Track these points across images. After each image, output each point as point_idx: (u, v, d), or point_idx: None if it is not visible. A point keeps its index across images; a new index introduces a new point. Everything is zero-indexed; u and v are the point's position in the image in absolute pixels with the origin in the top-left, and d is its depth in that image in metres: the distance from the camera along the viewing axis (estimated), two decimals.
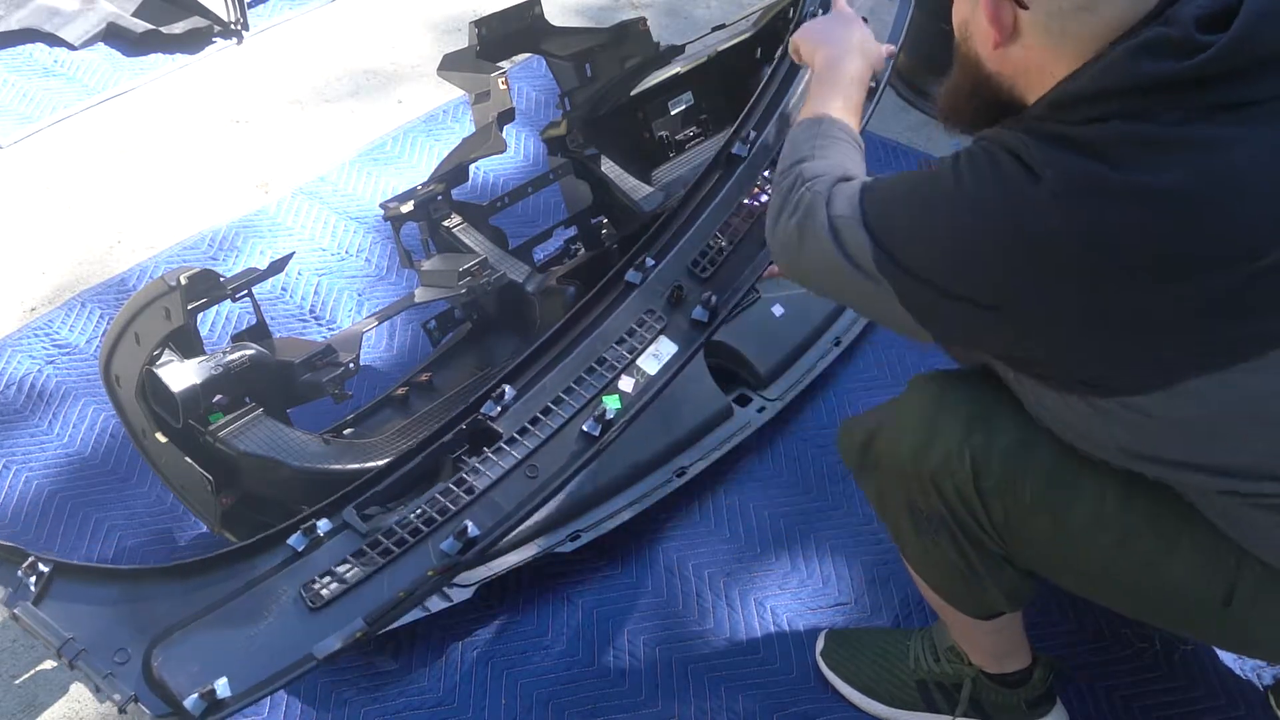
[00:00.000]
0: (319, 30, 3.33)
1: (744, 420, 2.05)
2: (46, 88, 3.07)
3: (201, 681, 1.32)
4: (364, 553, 1.48)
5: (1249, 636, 1.35)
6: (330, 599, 1.43)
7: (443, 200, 2.13)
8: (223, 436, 1.75)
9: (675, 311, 1.71)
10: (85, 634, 1.35)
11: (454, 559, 1.46)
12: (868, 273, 1.23)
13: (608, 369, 1.65)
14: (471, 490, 1.53)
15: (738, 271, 1.74)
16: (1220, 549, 1.28)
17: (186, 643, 1.37)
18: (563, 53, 2.27)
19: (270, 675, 1.36)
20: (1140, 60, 1.09)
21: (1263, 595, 1.29)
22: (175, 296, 1.61)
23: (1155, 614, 1.40)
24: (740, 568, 1.92)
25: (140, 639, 1.36)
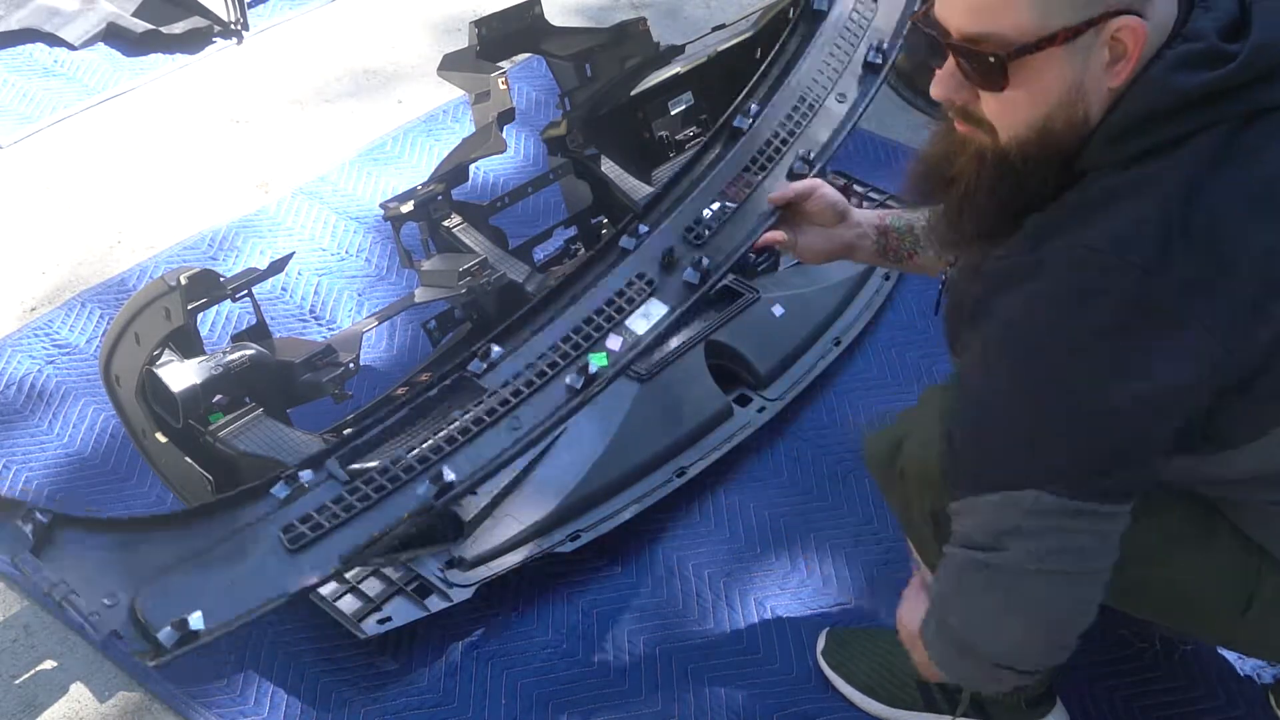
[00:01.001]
0: (319, 30, 3.33)
1: (744, 420, 2.05)
2: (46, 88, 3.07)
3: (177, 616, 1.39)
4: (343, 499, 1.53)
5: (1263, 642, 1.36)
6: (308, 541, 1.49)
7: (443, 200, 2.13)
8: (223, 436, 1.75)
9: (667, 275, 1.71)
10: (78, 580, 1.41)
11: (429, 502, 1.52)
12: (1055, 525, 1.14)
13: (595, 328, 1.67)
14: (452, 440, 1.57)
15: (731, 237, 1.74)
16: (1244, 558, 1.28)
17: (169, 585, 1.43)
18: (563, 53, 2.27)
19: (244, 610, 1.43)
20: (1177, 76, 1.08)
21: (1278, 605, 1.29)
22: (175, 296, 1.61)
23: (1170, 619, 1.40)
24: (740, 568, 1.92)
25: (132, 584, 1.43)
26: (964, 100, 1.16)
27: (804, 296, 2.24)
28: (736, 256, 1.72)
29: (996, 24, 1.08)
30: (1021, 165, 1.14)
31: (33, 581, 1.41)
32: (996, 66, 1.09)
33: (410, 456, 1.56)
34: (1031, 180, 1.14)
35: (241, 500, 1.53)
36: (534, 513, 1.85)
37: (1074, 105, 1.11)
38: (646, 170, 2.34)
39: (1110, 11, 1.06)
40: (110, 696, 1.76)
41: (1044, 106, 1.11)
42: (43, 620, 1.86)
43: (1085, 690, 1.73)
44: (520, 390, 1.61)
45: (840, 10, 1.99)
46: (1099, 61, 1.09)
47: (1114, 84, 1.10)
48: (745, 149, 1.83)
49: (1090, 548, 1.15)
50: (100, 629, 1.37)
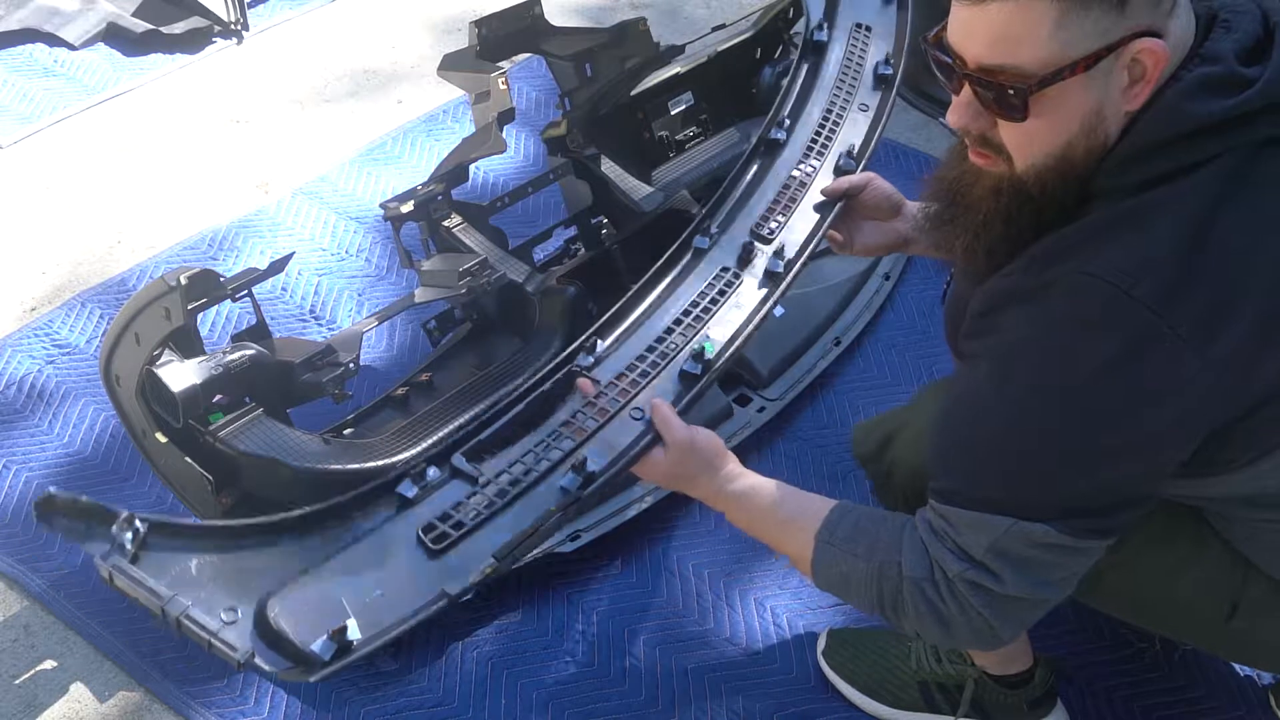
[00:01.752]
0: (319, 30, 3.33)
1: (744, 420, 2.05)
2: (46, 88, 3.07)
3: (326, 627, 1.26)
4: (480, 494, 1.44)
5: (1249, 649, 1.36)
6: (453, 540, 1.38)
7: (443, 200, 2.13)
8: (223, 436, 1.75)
9: (747, 267, 1.69)
10: (186, 592, 1.26)
11: (575, 494, 1.43)
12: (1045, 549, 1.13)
13: (695, 320, 1.63)
14: (583, 430, 1.50)
15: (799, 229, 1.73)
16: (1228, 566, 1.29)
17: (302, 595, 1.30)
18: (563, 53, 2.27)
19: (399, 617, 1.32)
20: (1192, 102, 1.06)
21: (1264, 611, 1.29)
22: (175, 296, 1.61)
23: (1158, 623, 1.40)
24: (740, 568, 1.92)
25: (245, 595, 1.29)
26: (981, 129, 1.13)
27: (804, 296, 2.24)
28: (813, 244, 1.70)
29: (1016, 56, 1.05)
30: (1039, 194, 1.13)
31: (135, 596, 1.24)
32: (1017, 98, 1.07)
33: (540, 450, 1.48)
34: (1049, 209, 1.13)
35: (364, 501, 1.43)
36: None
37: (1094, 131, 1.09)
38: (646, 170, 2.34)
39: (1130, 35, 1.04)
40: (110, 696, 1.76)
41: (1064, 134, 1.09)
42: (43, 620, 1.86)
43: (1085, 690, 1.73)
44: (637, 381, 1.55)
45: (839, 47, 2.02)
46: (1118, 85, 1.07)
47: (1132, 107, 1.08)
48: (789, 155, 1.83)
49: (1068, 581, 1.17)
50: (236, 651, 1.20)
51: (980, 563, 1.13)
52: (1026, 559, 1.12)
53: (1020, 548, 1.12)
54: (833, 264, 2.33)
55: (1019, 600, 1.15)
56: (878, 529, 1.23)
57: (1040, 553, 1.12)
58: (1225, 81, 1.06)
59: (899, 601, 1.19)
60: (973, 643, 1.19)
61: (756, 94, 2.48)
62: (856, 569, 1.22)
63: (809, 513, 1.29)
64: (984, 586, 1.14)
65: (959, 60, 1.10)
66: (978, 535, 1.13)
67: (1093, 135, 1.09)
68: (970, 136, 1.16)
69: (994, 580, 1.13)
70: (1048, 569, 1.13)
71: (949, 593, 1.16)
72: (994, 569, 1.13)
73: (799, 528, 1.29)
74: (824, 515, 1.28)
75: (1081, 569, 1.16)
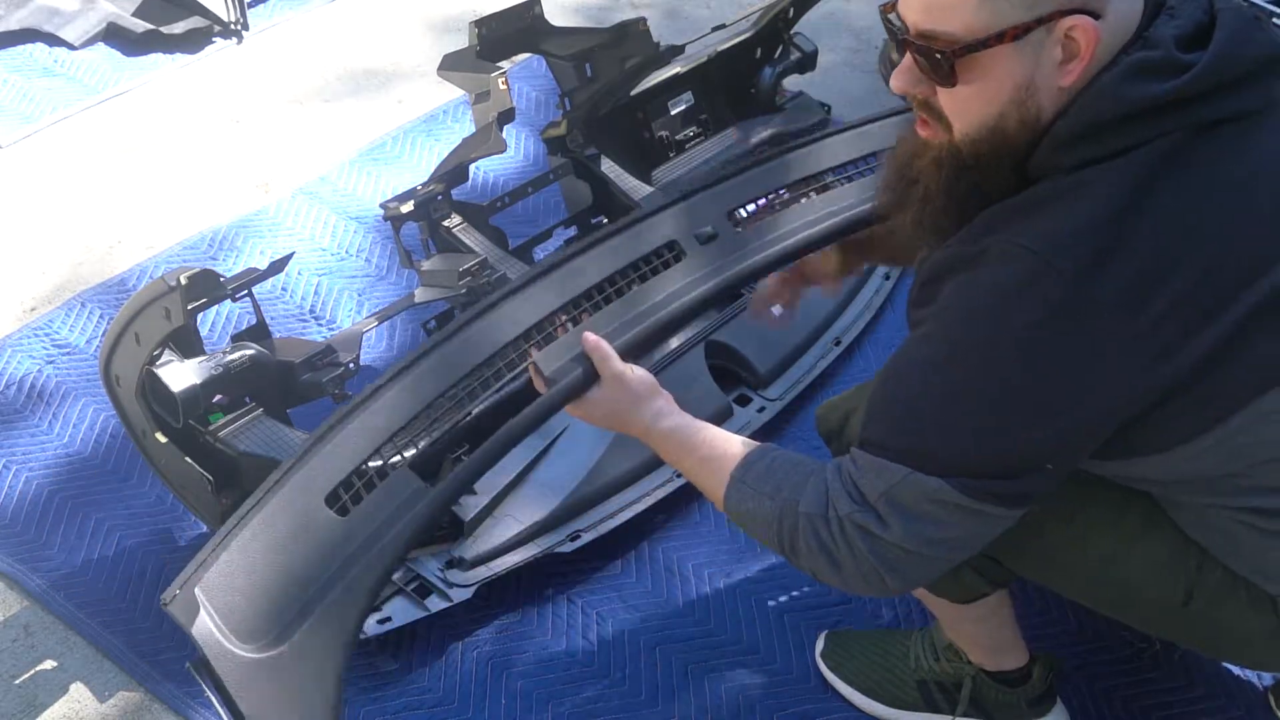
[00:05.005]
0: (319, 30, 3.33)
1: (744, 420, 2.05)
2: (46, 88, 3.07)
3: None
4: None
5: (1208, 637, 1.36)
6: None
7: (443, 200, 2.13)
8: (223, 436, 1.75)
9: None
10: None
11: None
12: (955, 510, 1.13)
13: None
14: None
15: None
16: (1182, 552, 1.29)
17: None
18: (563, 53, 2.27)
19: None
20: (1128, 85, 1.08)
21: (1220, 599, 1.29)
22: (175, 296, 1.61)
23: (1114, 609, 1.41)
24: (740, 568, 1.92)
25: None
26: (923, 94, 1.17)
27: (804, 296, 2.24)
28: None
29: (947, 22, 1.09)
30: (974, 163, 1.15)
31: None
32: (945, 63, 1.10)
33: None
34: (987, 181, 1.15)
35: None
36: (534, 513, 1.85)
37: (1025, 103, 1.11)
38: (646, 170, 2.34)
39: (1062, 10, 1.06)
40: (110, 696, 1.76)
41: (996, 104, 1.12)
42: (43, 620, 1.86)
43: (1085, 690, 1.73)
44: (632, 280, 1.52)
45: None
46: (1051, 60, 1.09)
47: (1065, 83, 1.10)
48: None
49: (964, 543, 1.17)
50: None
51: (871, 507, 1.15)
52: (918, 512, 1.13)
53: (913, 499, 1.13)
54: None
55: (907, 552, 1.15)
56: (790, 472, 1.26)
57: (933, 508, 1.13)
58: (1162, 66, 1.08)
59: (795, 538, 1.21)
60: (864, 588, 1.20)
61: (756, 94, 2.48)
62: (762, 507, 1.25)
63: (730, 453, 1.31)
64: (870, 531, 1.15)
65: (901, 26, 1.14)
66: (875, 480, 1.15)
67: (1024, 108, 1.11)
68: (915, 103, 1.19)
69: (881, 526, 1.15)
70: (939, 526, 1.14)
71: (839, 532, 1.17)
72: (883, 515, 1.14)
73: (718, 465, 1.31)
74: (743, 455, 1.31)
75: (982, 534, 1.16)
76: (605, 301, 1.52)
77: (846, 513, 1.17)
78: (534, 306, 1.50)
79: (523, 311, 1.49)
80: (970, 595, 1.47)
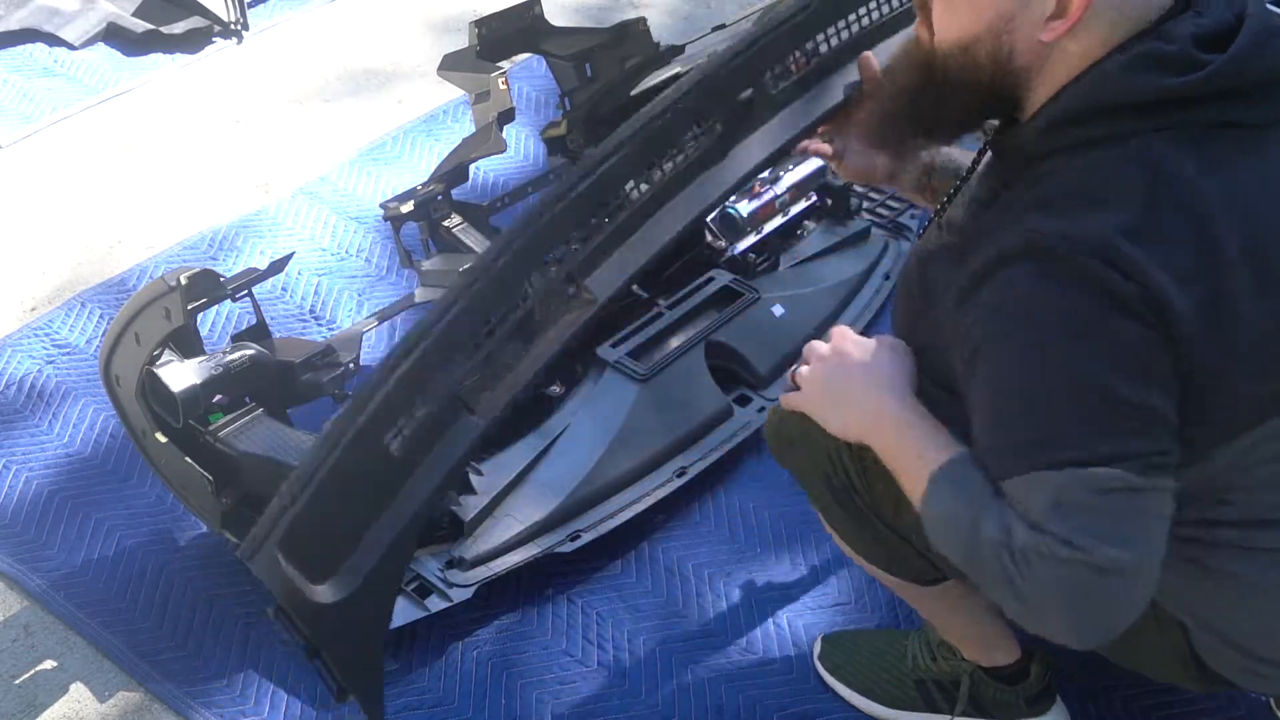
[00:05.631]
0: (319, 30, 3.33)
1: (744, 420, 2.06)
2: (46, 88, 3.07)
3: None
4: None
5: (1131, 656, 1.36)
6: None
7: (443, 200, 2.13)
8: (223, 436, 1.75)
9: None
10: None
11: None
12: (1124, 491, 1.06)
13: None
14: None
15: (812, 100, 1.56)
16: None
17: None
18: (563, 53, 2.27)
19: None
20: (1135, 73, 1.07)
21: (1142, 624, 1.29)
22: (175, 296, 1.61)
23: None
24: (740, 568, 1.92)
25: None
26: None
27: (804, 296, 2.24)
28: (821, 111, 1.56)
29: None
30: (942, 79, 1.17)
31: None
32: None
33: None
34: (949, 100, 1.18)
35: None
36: (534, 513, 1.85)
37: (1000, 37, 1.12)
38: None
39: None
40: (110, 696, 1.76)
41: (974, 26, 1.13)
42: (43, 620, 1.86)
43: (1085, 689, 1.73)
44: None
45: None
46: (1040, 8, 1.09)
47: (1045, 38, 1.10)
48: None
49: (1147, 536, 1.07)
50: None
51: (1047, 530, 1.05)
52: (1092, 507, 1.05)
53: (1081, 495, 1.05)
54: (833, 264, 2.34)
55: (1095, 570, 1.04)
56: (979, 486, 1.15)
57: (1104, 500, 1.05)
58: (1174, 60, 1.07)
59: (981, 565, 1.11)
60: (1052, 627, 1.08)
61: None
62: (958, 520, 1.14)
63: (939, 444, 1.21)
64: (1056, 555, 1.05)
65: None
66: (1037, 494, 1.07)
67: (998, 42, 1.12)
68: (917, 1, 1.21)
69: (1063, 545, 1.04)
70: (1118, 517, 1.05)
71: (1024, 563, 1.07)
72: (1060, 533, 1.05)
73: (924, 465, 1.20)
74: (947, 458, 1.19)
75: (1156, 521, 1.07)
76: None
77: (1025, 542, 1.06)
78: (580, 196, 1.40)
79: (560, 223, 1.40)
80: (928, 576, 1.45)
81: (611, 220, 1.43)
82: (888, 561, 1.48)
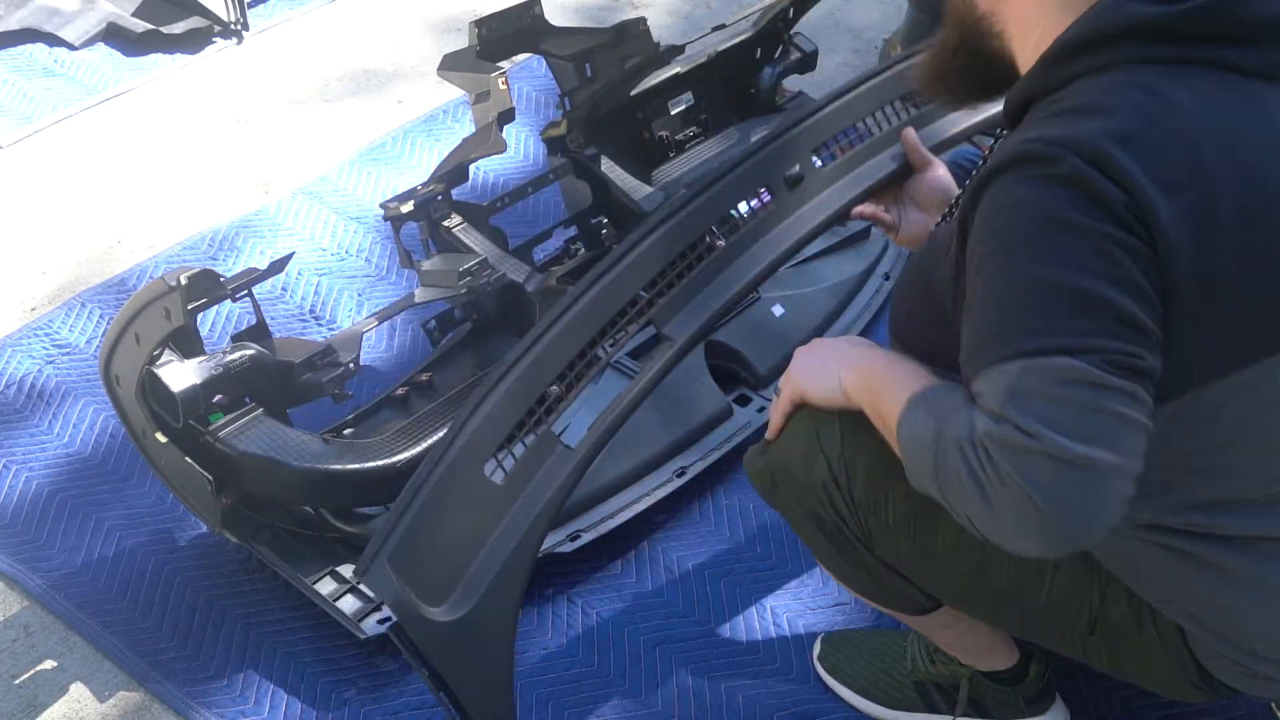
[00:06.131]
0: (319, 30, 3.33)
1: (744, 420, 2.06)
2: (46, 88, 3.07)
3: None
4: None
5: (1117, 664, 1.36)
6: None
7: (443, 200, 2.13)
8: (223, 436, 1.75)
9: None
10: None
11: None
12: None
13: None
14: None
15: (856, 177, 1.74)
16: (1084, 582, 1.29)
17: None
18: (563, 53, 2.26)
19: None
20: (1127, 3, 1.09)
21: (1125, 629, 1.30)
22: (175, 296, 1.61)
23: (1024, 633, 1.42)
24: (740, 568, 1.92)
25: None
26: None
27: (804, 296, 2.24)
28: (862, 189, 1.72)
29: None
30: (964, 32, 1.26)
31: None
32: None
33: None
34: (971, 67, 1.27)
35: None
36: None
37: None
38: (646, 170, 2.34)
39: None
40: (110, 696, 1.76)
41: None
42: (43, 620, 1.86)
43: (1085, 690, 1.73)
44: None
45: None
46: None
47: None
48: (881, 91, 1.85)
49: (1113, 435, 1.03)
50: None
51: (1006, 417, 1.04)
52: (1050, 397, 1.03)
53: (1042, 385, 1.03)
54: (832, 264, 2.34)
55: (1055, 461, 1.01)
56: (948, 396, 1.15)
57: (1063, 391, 1.03)
58: None
59: (946, 468, 1.09)
60: (1018, 529, 1.05)
61: (757, 94, 2.48)
62: (924, 431, 1.14)
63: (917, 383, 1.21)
64: (1011, 442, 1.02)
65: None
66: (998, 385, 1.05)
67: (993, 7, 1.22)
68: None
69: (1019, 434, 1.02)
70: (1079, 411, 1.02)
71: (985, 455, 1.05)
72: (1018, 420, 1.03)
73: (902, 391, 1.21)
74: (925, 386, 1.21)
75: (1124, 425, 1.03)
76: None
77: (986, 430, 1.05)
78: (645, 264, 1.62)
79: (632, 276, 1.61)
80: (919, 608, 1.47)
81: (689, 270, 1.63)
82: (880, 595, 1.48)
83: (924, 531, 1.33)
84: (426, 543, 1.43)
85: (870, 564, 1.41)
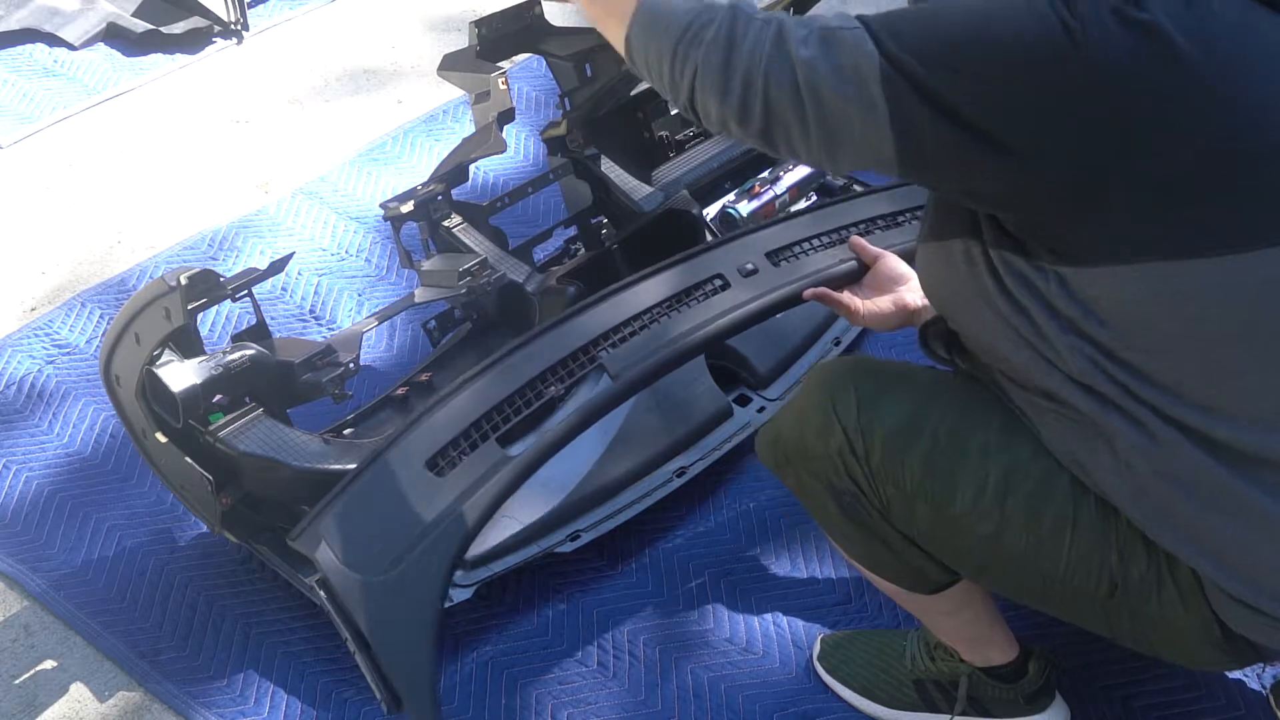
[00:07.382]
0: (319, 30, 3.33)
1: (744, 420, 2.05)
2: (46, 88, 3.07)
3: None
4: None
5: (1137, 631, 1.35)
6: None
7: (443, 200, 2.13)
8: (223, 436, 1.75)
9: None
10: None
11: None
12: (860, 88, 1.13)
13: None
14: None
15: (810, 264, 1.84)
16: (1101, 545, 1.29)
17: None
18: (563, 53, 2.26)
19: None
20: None
21: (1146, 589, 1.29)
22: (175, 296, 1.61)
23: (1045, 604, 1.41)
24: (740, 568, 1.92)
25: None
26: None
27: None
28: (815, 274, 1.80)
29: None
30: None
31: None
32: None
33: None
34: None
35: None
36: (534, 513, 1.85)
37: None
38: (646, 170, 2.34)
39: None
40: (110, 696, 1.77)
41: None
42: (43, 620, 1.86)
43: (1085, 689, 1.73)
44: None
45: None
46: None
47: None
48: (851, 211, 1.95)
49: (840, 112, 1.14)
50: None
51: (805, 24, 1.15)
52: (837, 58, 1.13)
53: (842, 46, 1.13)
54: None
55: (800, 71, 1.13)
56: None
57: (852, 61, 1.12)
58: None
59: (704, 31, 1.18)
60: (739, 99, 1.17)
61: None
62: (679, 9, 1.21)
63: None
64: (787, 36, 1.15)
65: None
66: (830, 21, 1.15)
67: None
68: None
69: (800, 42, 1.14)
70: (842, 82, 1.12)
71: (759, 26, 1.16)
72: (808, 37, 1.14)
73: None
74: None
75: (857, 131, 1.13)
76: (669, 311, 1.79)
77: (769, 14, 1.17)
78: (604, 317, 1.77)
79: (592, 323, 1.77)
80: (930, 585, 1.47)
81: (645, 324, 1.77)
82: (895, 569, 1.47)
83: (942, 495, 1.33)
84: (360, 519, 1.58)
85: (887, 535, 1.41)
